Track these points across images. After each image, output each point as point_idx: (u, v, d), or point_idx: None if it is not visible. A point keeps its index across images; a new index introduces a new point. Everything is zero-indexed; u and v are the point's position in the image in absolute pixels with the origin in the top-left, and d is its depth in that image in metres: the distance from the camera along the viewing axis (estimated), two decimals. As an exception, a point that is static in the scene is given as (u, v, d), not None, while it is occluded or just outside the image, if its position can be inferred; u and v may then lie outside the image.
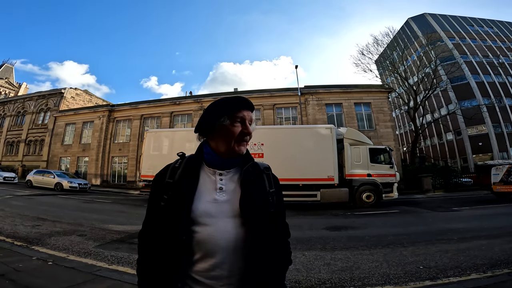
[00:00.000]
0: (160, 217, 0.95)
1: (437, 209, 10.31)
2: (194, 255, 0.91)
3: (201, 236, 0.90)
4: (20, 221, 6.58)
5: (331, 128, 11.28)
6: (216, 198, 0.96)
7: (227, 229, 0.92)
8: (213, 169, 1.02)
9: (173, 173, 1.01)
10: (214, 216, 0.93)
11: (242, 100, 1.04)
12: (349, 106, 21.89)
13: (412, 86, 25.37)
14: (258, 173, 1.06)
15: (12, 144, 32.66)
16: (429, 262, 4.07)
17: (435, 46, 28.07)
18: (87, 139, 27.72)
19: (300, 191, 10.72)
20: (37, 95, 34.00)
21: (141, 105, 26.74)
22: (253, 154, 7.81)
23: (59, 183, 17.53)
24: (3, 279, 2.82)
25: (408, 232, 6.36)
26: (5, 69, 47.05)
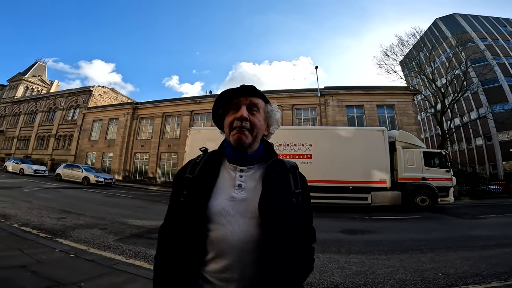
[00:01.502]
0: (178, 213, 0.93)
1: (462, 216, 9.86)
2: (207, 255, 0.87)
3: (215, 235, 0.86)
4: (46, 213, 6.90)
5: (383, 131, 11.03)
6: (234, 196, 0.91)
7: (242, 230, 0.86)
8: (234, 165, 0.97)
9: (193, 168, 0.98)
10: (229, 215, 0.88)
11: (239, 87, 0.99)
12: (371, 108, 21.27)
13: (440, 88, 24.20)
14: (283, 171, 0.99)
15: (43, 139, 34.61)
16: (448, 269, 3.93)
17: (466, 47, 26.57)
18: (112, 135, 28.90)
19: (350, 193, 10.58)
20: (68, 92, 35.87)
21: (163, 103, 27.48)
22: (300, 155, 8.70)
23: (87, 177, 18.21)
24: (24, 270, 2.94)
25: (428, 238, 6.14)
26: (38, 67, 49.79)
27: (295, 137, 10.93)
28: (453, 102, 24.08)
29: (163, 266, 0.94)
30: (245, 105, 0.96)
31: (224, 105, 1.00)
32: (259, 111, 0.99)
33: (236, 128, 0.94)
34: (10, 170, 22.15)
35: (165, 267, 0.93)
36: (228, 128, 0.97)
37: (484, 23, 40.16)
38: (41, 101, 37.76)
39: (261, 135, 1.01)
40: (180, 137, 25.23)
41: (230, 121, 0.96)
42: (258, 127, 0.97)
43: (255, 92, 1.00)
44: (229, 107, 0.99)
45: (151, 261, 3.94)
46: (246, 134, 0.94)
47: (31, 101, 39.26)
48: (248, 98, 0.98)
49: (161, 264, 0.95)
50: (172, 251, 0.92)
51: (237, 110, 0.96)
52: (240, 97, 0.98)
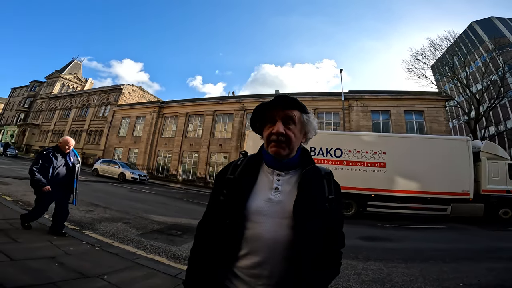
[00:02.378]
0: (218, 210, 1.01)
1: (490, 227, 9.35)
2: (240, 251, 0.93)
3: (250, 233, 0.93)
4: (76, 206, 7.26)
5: (467, 141, 10.67)
6: (271, 198, 0.97)
7: (275, 230, 0.92)
8: (272, 169, 1.03)
9: (234, 170, 1.06)
10: (265, 215, 0.94)
11: (275, 99, 1.02)
12: (398, 114, 20.45)
13: (474, 95, 22.86)
14: (318, 177, 1.04)
15: (76, 133, 36.63)
16: (470, 280, 3.80)
17: (504, 52, 24.97)
18: (138, 132, 30.01)
19: (427, 204, 10.31)
20: (100, 90, 37.80)
21: (187, 103, 28.14)
22: (372, 163, 8.59)
23: (123, 173, 18.59)
24: (52, 261, 3.10)
25: (452, 248, 5.93)
26: (74, 65, 52.75)
27: (367, 144, 10.70)
28: (489, 109, 22.67)
29: (198, 259, 1.01)
30: (281, 118, 1.00)
31: (260, 118, 1.05)
32: (295, 123, 1.02)
33: (273, 142, 0.99)
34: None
35: (199, 260, 1.00)
36: (266, 140, 1.03)
37: (524, 27, 37.41)
38: (76, 98, 40.08)
39: (298, 145, 1.05)
40: (202, 136, 25.70)
41: (268, 134, 1.01)
42: (293, 140, 1.01)
43: (291, 103, 1.03)
44: (266, 120, 1.03)
45: (170, 257, 4.06)
46: (283, 147, 1.00)
47: (66, 98, 41.79)
48: (284, 111, 1.01)
49: (196, 257, 1.03)
50: (208, 246, 0.99)
51: (273, 123, 1.01)
52: (274, 111, 1.01)
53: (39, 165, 4.10)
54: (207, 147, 24.89)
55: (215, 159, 24.60)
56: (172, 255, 4.18)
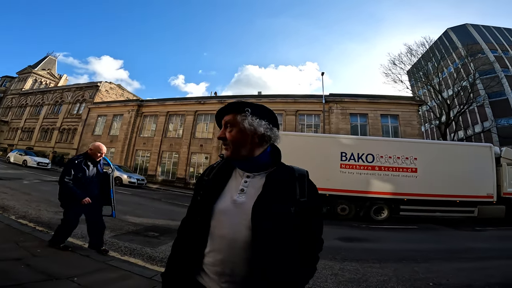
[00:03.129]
0: (195, 210, 1.09)
1: (459, 227, 9.89)
2: (207, 248, 0.98)
3: (214, 232, 0.98)
4: (44, 206, 6.92)
5: (490, 147, 11.34)
6: (235, 199, 1.00)
7: (235, 230, 0.95)
8: (243, 171, 1.07)
9: (210, 172, 1.13)
10: (228, 215, 0.97)
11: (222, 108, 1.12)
12: (375, 117, 21.17)
13: (446, 100, 24.07)
14: (288, 179, 1.04)
15: (47, 131, 34.90)
16: (440, 280, 3.95)
17: (475, 58, 26.47)
18: (115, 131, 29.05)
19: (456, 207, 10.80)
20: (75, 86, 36.23)
21: (167, 102, 27.61)
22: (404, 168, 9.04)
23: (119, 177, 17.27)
24: (19, 263, 2.94)
25: (423, 249, 6.17)
26: (48, 61, 50.27)
27: (398, 150, 10.97)
28: (458, 114, 23.95)
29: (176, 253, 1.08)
30: (223, 125, 1.10)
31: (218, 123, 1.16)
32: (234, 126, 1.07)
33: (224, 145, 1.08)
34: (12, 161, 22.14)
35: (177, 255, 1.07)
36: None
37: (495, 34, 39.77)
38: (48, 94, 38.15)
39: (247, 143, 1.04)
40: (182, 136, 25.30)
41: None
42: (235, 139, 1.05)
43: (226, 110, 1.11)
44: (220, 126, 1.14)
45: (146, 259, 3.97)
46: (227, 149, 1.07)
47: (38, 94, 39.69)
48: (224, 118, 1.11)
49: (174, 251, 1.10)
50: (184, 242, 1.07)
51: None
52: (226, 117, 1.11)
53: (72, 176, 3.70)
54: (187, 147, 24.52)
55: (195, 160, 24.28)
56: (148, 257, 4.07)
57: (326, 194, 10.35)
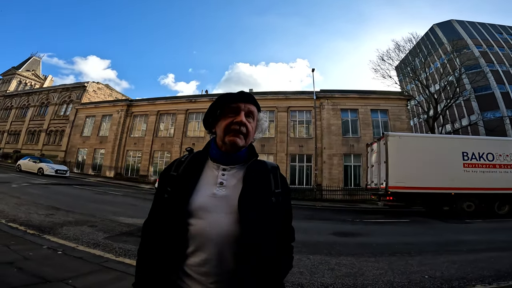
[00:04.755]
0: (162, 208, 0.98)
1: (449, 220, 10.09)
2: (188, 248, 0.90)
3: (195, 229, 0.90)
4: (34, 209, 6.77)
5: None
6: (215, 193, 0.95)
7: (220, 225, 0.90)
8: (217, 164, 1.02)
9: (178, 166, 1.03)
10: (209, 211, 0.91)
11: (239, 93, 1.04)
12: (365, 112, 21.46)
13: (433, 95, 24.56)
14: (264, 171, 1.04)
15: (34, 133, 34.05)
16: (435, 272, 4.02)
17: (461, 54, 27.01)
18: (104, 131, 28.54)
19: None
20: (61, 87, 35.38)
21: (158, 101, 27.30)
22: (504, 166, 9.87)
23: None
24: (11, 267, 2.88)
25: (416, 242, 6.28)
26: (32, 62, 49.03)
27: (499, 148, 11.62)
28: (446, 108, 24.46)
29: (146, 259, 0.98)
30: (244, 111, 1.02)
31: (222, 107, 1.04)
32: (253, 119, 1.06)
33: (233, 131, 0.99)
34: (24, 169, 19.62)
35: (147, 261, 0.97)
36: (223, 130, 1.01)
37: (480, 30, 40.79)
38: (34, 96, 37.15)
39: (250, 140, 1.07)
40: (174, 135, 25.09)
41: (227, 124, 1.00)
42: (251, 134, 1.04)
43: (253, 100, 1.06)
44: (227, 110, 1.03)
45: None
46: (241, 138, 1.00)
47: (23, 96, 38.59)
48: (246, 105, 1.03)
49: (144, 257, 0.99)
50: (155, 245, 0.95)
51: (236, 114, 1.01)
52: (239, 103, 1.03)
53: None
54: (179, 146, 24.32)
55: (187, 159, 24.10)
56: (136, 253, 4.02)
57: (452, 193, 10.96)
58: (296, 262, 4.21)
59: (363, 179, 19.73)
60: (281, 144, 21.72)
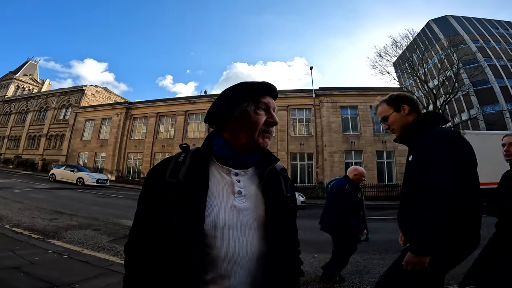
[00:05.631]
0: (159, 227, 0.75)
1: None
2: (207, 275, 0.72)
3: (218, 253, 0.72)
4: (38, 214, 6.81)
5: None
6: (235, 205, 0.78)
7: (249, 243, 0.76)
8: (227, 167, 0.84)
9: (176, 170, 0.80)
10: (234, 228, 0.75)
11: (267, 85, 0.88)
12: (365, 109, 21.47)
13: (432, 90, 24.56)
14: (277, 175, 0.91)
15: (34, 138, 34.04)
16: None
17: (458, 49, 27.02)
18: (105, 135, 28.54)
19: None
20: (60, 91, 35.36)
21: (157, 103, 27.30)
22: None
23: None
24: (18, 271, 2.90)
25: None
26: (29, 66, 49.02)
27: None
28: (445, 103, 24.45)
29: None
30: (274, 109, 0.89)
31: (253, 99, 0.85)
32: None
33: (266, 132, 0.85)
34: (60, 178, 18.02)
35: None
36: (255, 127, 0.83)
37: (476, 25, 40.84)
38: (32, 100, 37.14)
39: None
40: (174, 137, 25.09)
41: (262, 121, 0.84)
42: None
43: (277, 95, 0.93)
44: (257, 105, 0.85)
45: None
46: (269, 139, 0.87)
47: (22, 100, 38.59)
48: (274, 102, 0.90)
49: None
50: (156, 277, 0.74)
51: (267, 111, 0.86)
52: (270, 98, 0.89)
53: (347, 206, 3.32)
54: (179, 147, 24.30)
55: (188, 160, 24.14)
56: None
57: None
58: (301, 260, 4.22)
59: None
60: (282, 143, 21.73)
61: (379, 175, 19.97)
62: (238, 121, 0.84)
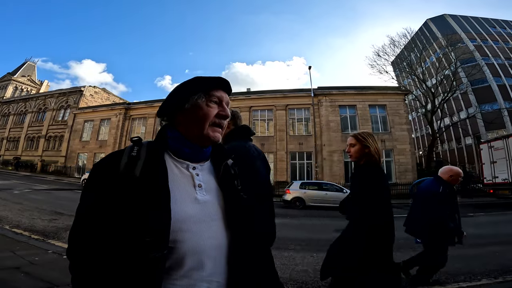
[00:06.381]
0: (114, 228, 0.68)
1: None
2: (172, 272, 0.70)
3: (185, 247, 0.71)
4: (37, 215, 6.81)
5: None
6: (197, 198, 0.78)
7: (213, 235, 0.76)
8: (184, 161, 0.83)
9: (131, 164, 0.74)
10: (199, 221, 0.75)
11: (220, 79, 0.88)
12: (364, 108, 21.51)
13: (430, 89, 24.63)
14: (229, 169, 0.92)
15: (33, 140, 33.98)
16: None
17: (455, 48, 27.10)
18: (104, 136, 28.53)
19: None
20: (58, 92, 35.30)
21: (156, 103, 27.24)
22: None
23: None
24: (18, 272, 2.92)
25: None
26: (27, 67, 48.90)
27: None
28: (443, 102, 24.51)
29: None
30: (226, 103, 0.89)
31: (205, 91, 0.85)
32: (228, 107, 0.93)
33: (216, 125, 0.85)
34: None
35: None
36: (204, 121, 0.83)
37: (473, 24, 40.95)
38: (31, 102, 37.08)
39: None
40: (173, 137, 25.10)
41: (211, 115, 0.84)
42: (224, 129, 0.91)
43: (231, 91, 0.92)
44: (209, 99, 0.85)
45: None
46: (221, 133, 0.87)
47: (20, 102, 38.54)
48: (227, 96, 0.90)
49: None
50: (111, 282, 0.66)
51: (218, 105, 0.86)
52: (222, 92, 0.88)
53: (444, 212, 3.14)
54: (178, 148, 24.33)
55: (187, 160, 24.16)
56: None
57: None
58: (300, 260, 4.24)
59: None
60: (281, 142, 21.76)
61: (378, 174, 19.99)
62: (190, 114, 0.83)
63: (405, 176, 19.11)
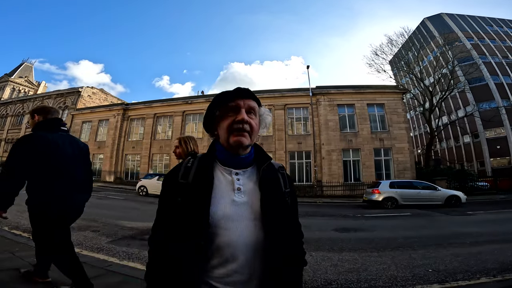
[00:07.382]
0: (174, 221, 0.90)
1: (451, 212, 10.14)
2: (212, 260, 0.86)
3: (221, 241, 0.86)
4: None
5: None
6: (235, 200, 0.91)
7: (248, 233, 0.88)
8: (229, 168, 0.97)
9: (186, 173, 0.95)
10: (233, 219, 0.88)
11: (236, 90, 0.99)
12: (362, 107, 21.53)
13: (428, 87, 24.70)
14: (274, 173, 1.04)
15: (31, 141, 33.77)
16: (438, 266, 4.03)
17: (453, 47, 27.24)
18: (102, 136, 28.42)
19: None
20: (56, 93, 35.18)
21: (154, 104, 27.23)
22: None
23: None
24: (17, 273, 2.91)
25: (419, 235, 6.28)
26: (24, 68, 48.77)
27: None
28: (441, 100, 24.58)
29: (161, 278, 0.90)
30: (244, 108, 0.96)
31: (220, 107, 0.99)
32: (255, 115, 1.01)
33: (236, 131, 0.94)
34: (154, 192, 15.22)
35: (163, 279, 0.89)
36: (226, 130, 0.95)
37: (470, 23, 41.08)
38: (28, 103, 36.92)
39: (256, 138, 1.02)
40: (172, 137, 25.03)
41: (229, 124, 0.95)
42: (255, 130, 0.99)
43: (251, 95, 1.00)
44: (227, 110, 0.97)
45: (145, 262, 3.92)
46: (246, 136, 0.95)
47: (18, 103, 38.36)
48: (245, 101, 0.98)
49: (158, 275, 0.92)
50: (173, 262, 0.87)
51: (236, 112, 0.96)
52: (237, 100, 0.97)
53: None
54: (177, 148, 24.26)
55: (186, 160, 24.10)
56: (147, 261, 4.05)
57: None
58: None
59: (362, 174, 19.86)
60: (280, 142, 21.77)
61: (377, 172, 20.06)
62: (218, 129, 1.01)
63: (404, 174, 19.15)
